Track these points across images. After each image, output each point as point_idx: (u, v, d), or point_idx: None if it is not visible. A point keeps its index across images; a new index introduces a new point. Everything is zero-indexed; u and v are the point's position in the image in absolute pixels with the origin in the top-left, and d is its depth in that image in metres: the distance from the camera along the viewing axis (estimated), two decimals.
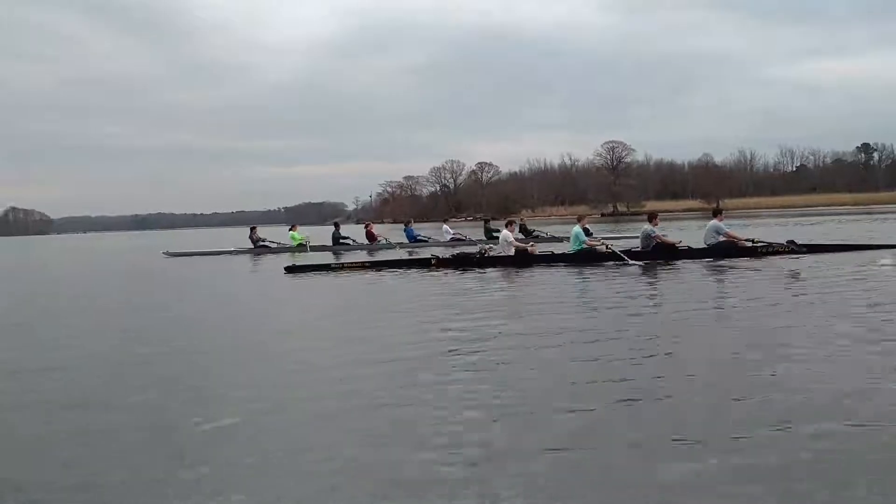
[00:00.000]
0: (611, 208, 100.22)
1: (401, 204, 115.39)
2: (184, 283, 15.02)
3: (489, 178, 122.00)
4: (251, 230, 24.79)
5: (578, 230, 14.31)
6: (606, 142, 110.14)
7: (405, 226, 25.80)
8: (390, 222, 78.24)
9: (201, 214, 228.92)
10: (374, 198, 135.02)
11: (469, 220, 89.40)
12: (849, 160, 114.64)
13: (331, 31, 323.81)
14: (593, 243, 14.51)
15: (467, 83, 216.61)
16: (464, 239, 23.50)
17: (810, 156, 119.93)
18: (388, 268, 14.22)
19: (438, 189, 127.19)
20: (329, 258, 18.40)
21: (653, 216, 14.27)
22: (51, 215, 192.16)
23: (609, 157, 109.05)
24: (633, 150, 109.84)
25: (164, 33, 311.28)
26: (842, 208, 66.25)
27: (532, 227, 25.59)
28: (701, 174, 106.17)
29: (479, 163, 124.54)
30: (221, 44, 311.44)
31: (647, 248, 13.66)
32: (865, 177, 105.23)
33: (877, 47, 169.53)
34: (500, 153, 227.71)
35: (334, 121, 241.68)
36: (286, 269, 14.31)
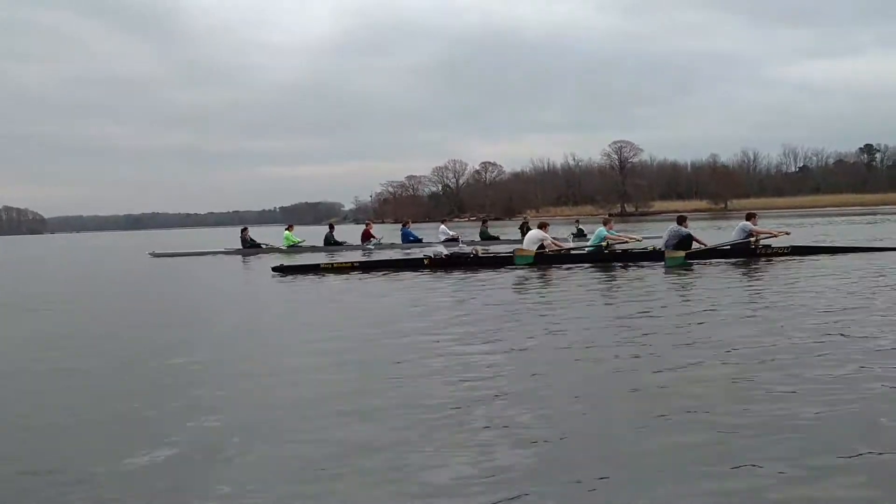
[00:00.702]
0: (619, 208, 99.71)
1: (402, 204, 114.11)
2: (161, 284, 14.43)
3: (493, 177, 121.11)
4: (242, 231, 23.97)
5: (602, 230, 14.08)
6: (614, 141, 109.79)
7: (403, 226, 24.90)
8: (391, 222, 77.31)
9: (196, 214, 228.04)
10: (374, 197, 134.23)
11: (472, 220, 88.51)
12: (851, 161, 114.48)
13: (332, 31, 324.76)
14: (617, 239, 14.22)
15: (468, 83, 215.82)
16: (456, 239, 22.66)
17: (813, 156, 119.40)
18: (378, 269, 13.93)
19: (440, 189, 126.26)
20: (320, 259, 17.88)
21: (682, 219, 13.78)
22: (44, 215, 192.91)
23: (617, 157, 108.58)
24: (641, 149, 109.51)
25: (164, 34, 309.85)
26: (850, 209, 65.40)
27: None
28: (707, 174, 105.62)
29: (483, 162, 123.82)
30: (221, 44, 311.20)
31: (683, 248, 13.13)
32: (868, 177, 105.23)
33: (878, 49, 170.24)
34: (500, 154, 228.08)
35: (334, 121, 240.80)
36: (274, 269, 14.03)
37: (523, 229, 23.92)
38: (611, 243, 13.79)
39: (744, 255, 12.89)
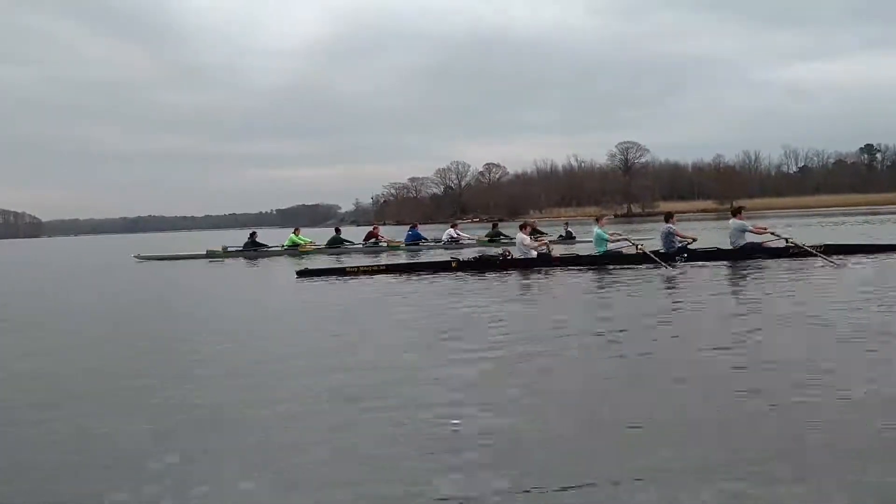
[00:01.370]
0: (625, 209, 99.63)
1: (405, 206, 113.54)
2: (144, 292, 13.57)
3: (497, 178, 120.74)
4: (250, 235, 23.01)
5: (600, 231, 13.50)
6: (621, 142, 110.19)
7: (410, 228, 24.38)
8: (393, 224, 76.88)
9: (192, 217, 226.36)
10: (375, 198, 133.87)
11: (475, 221, 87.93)
12: (851, 161, 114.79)
13: (324, 34, 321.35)
14: (618, 241, 13.88)
15: (459, 86, 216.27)
16: (460, 240, 22.57)
17: (814, 157, 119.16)
18: (405, 272, 13.32)
19: (442, 190, 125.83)
20: (329, 261, 17.71)
21: (669, 216, 13.51)
22: (41, 218, 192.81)
23: (623, 158, 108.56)
24: (647, 149, 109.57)
25: (158, 37, 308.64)
26: (854, 209, 64.96)
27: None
28: (712, 175, 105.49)
29: (486, 164, 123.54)
30: (215, 47, 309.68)
31: (670, 248, 12.85)
32: (868, 178, 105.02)
33: (865, 50, 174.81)
34: (493, 156, 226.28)
35: (326, 123, 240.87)
36: (298, 274, 13.39)
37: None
38: (619, 245, 13.52)
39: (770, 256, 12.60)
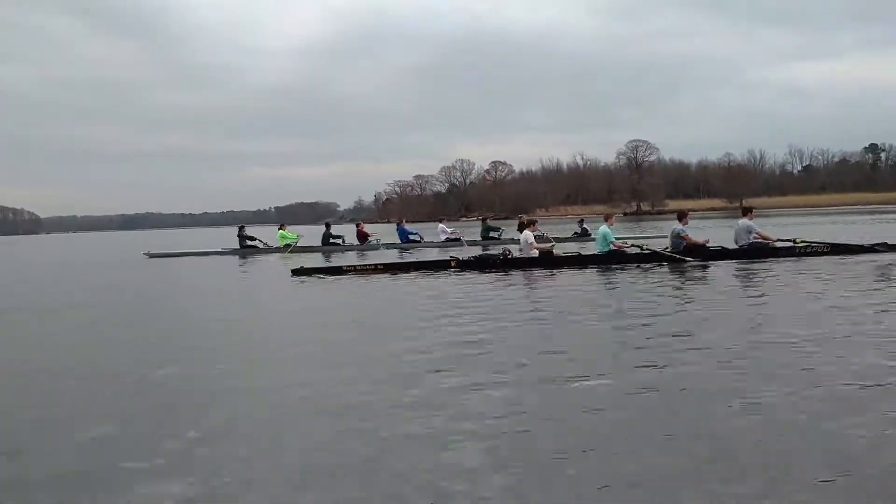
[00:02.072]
0: (634, 207, 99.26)
1: (408, 204, 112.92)
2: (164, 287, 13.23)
3: (503, 176, 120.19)
4: (239, 229, 23.11)
5: (606, 230, 12.96)
6: (631, 140, 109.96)
7: (397, 225, 24.15)
8: (396, 222, 76.39)
9: (190, 214, 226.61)
10: (378, 196, 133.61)
11: (479, 219, 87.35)
12: (856, 160, 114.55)
13: (320, 34, 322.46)
14: (622, 245, 13.39)
15: (456, 85, 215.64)
16: (459, 238, 22.20)
17: (819, 156, 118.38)
18: (403, 270, 12.83)
19: (447, 189, 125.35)
20: (319, 258, 17.66)
21: (682, 215, 13.11)
22: (40, 214, 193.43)
23: (633, 156, 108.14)
24: (657, 148, 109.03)
25: (157, 36, 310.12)
26: (863, 207, 64.30)
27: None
28: (720, 173, 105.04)
29: (492, 162, 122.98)
30: (214, 47, 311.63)
31: (677, 249, 12.49)
32: (872, 177, 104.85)
33: (860, 50, 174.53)
34: (492, 155, 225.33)
35: (323, 122, 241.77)
36: (293, 272, 12.83)
37: (521, 229, 23.02)
38: (622, 248, 13.08)
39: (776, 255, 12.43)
